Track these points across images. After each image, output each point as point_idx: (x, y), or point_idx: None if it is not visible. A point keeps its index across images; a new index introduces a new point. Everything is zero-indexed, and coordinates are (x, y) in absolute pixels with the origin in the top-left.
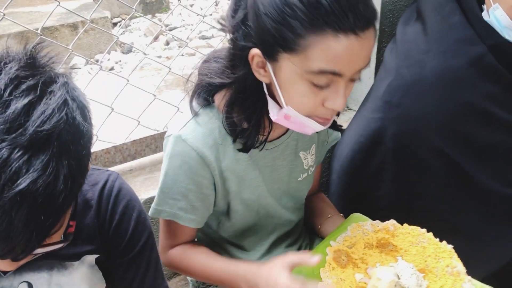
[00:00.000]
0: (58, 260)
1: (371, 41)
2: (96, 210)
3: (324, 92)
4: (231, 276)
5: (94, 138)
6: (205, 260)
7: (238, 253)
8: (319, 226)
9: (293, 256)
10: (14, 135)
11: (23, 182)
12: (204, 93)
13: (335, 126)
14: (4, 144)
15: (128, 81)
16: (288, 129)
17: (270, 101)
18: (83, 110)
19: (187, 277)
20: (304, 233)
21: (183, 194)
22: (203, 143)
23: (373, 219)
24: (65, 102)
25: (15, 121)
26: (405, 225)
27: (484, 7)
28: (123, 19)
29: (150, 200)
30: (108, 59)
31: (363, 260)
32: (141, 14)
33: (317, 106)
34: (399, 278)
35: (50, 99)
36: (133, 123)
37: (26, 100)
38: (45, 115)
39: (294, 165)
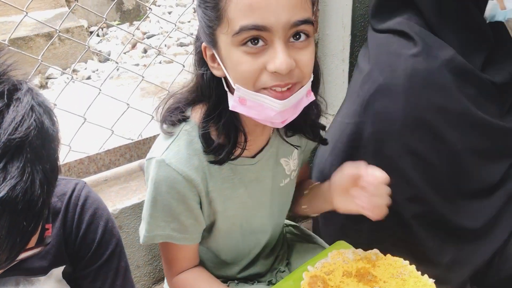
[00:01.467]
0: (24, 275)
1: None
2: (62, 220)
3: (263, 56)
4: None
5: (67, 148)
6: None
7: (219, 267)
8: (303, 207)
9: None
10: None
11: (2, 190)
12: (179, 110)
13: (321, 140)
14: None
15: (100, 90)
16: (269, 140)
17: (229, 95)
18: (50, 114)
19: (164, 287)
20: (281, 240)
21: (174, 217)
22: (189, 166)
23: (347, 227)
24: (32, 108)
25: None
26: (388, 255)
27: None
28: (102, 28)
29: (125, 210)
30: (85, 68)
31: None
32: (113, 23)
33: (258, 71)
34: None
35: (17, 106)
36: (107, 132)
37: None
38: (16, 122)
39: (276, 172)
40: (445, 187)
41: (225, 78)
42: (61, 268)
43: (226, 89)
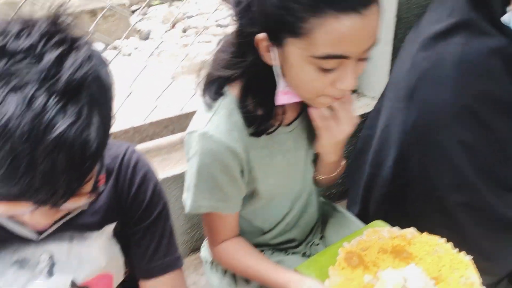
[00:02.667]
0: (78, 231)
1: (375, 18)
2: (114, 180)
3: (334, 74)
4: (273, 282)
5: (113, 119)
6: (250, 263)
7: (254, 234)
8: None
9: None
10: (50, 82)
11: (62, 125)
12: (217, 85)
13: None
14: (41, 91)
15: (145, 65)
16: (303, 108)
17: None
18: (105, 66)
19: (200, 255)
20: (317, 213)
21: (219, 188)
22: (230, 137)
23: (390, 211)
24: (90, 56)
25: (50, 70)
26: (425, 234)
27: (508, 8)
28: (143, 7)
29: (167, 180)
30: (127, 45)
31: (375, 264)
32: (155, 2)
33: (326, 87)
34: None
35: (77, 52)
36: (151, 105)
37: (57, 52)
38: (76, 65)
39: (310, 140)
40: (492, 176)
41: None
42: (112, 225)
43: (279, 72)
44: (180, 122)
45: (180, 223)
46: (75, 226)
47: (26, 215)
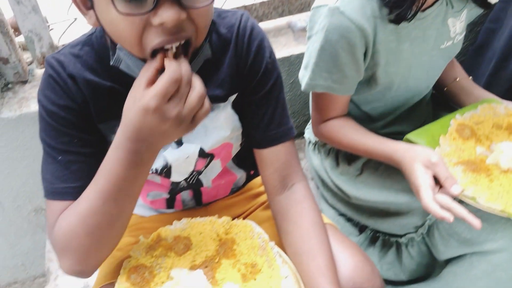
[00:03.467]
0: None
1: None
2: (233, 49)
3: None
4: (379, 152)
5: None
6: (356, 136)
7: (363, 121)
8: (445, 88)
9: (442, 172)
10: None
11: None
12: None
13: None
14: None
15: None
16: None
17: None
18: None
19: (304, 136)
20: (429, 109)
21: (339, 68)
22: (362, 15)
23: None
24: None
25: None
26: None
27: None
28: None
29: None
30: None
31: (488, 138)
32: None
33: None
34: None
35: None
36: None
37: None
38: None
39: (440, 32)
40: None
41: None
42: (234, 96)
43: None
44: (290, 3)
45: None
46: None
47: (152, 21)
